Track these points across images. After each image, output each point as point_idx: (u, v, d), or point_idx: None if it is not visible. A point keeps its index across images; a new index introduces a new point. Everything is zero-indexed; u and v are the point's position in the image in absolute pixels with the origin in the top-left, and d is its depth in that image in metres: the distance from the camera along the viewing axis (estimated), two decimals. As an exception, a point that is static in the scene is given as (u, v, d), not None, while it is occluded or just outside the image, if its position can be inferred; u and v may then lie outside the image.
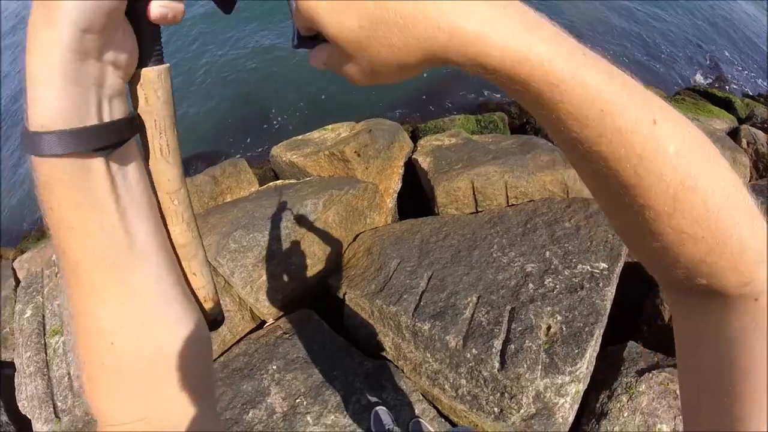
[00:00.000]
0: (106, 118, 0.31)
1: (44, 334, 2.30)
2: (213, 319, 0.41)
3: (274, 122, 6.95)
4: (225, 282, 2.57)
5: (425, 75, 7.50)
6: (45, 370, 2.13)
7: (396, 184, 3.52)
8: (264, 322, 2.63)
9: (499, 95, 7.14)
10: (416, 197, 3.37)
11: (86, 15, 0.27)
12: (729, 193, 0.30)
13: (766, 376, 0.30)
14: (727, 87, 9.37)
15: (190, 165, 6.07)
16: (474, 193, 2.93)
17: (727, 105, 7.63)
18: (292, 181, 3.95)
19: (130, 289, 0.33)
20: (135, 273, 0.33)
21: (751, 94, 9.94)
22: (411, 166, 3.48)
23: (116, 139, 0.31)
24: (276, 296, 2.62)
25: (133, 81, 0.33)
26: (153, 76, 0.33)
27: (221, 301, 0.43)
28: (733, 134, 4.59)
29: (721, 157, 0.31)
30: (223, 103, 7.59)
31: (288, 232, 2.71)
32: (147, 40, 0.33)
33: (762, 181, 3.69)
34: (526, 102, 0.30)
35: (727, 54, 10.90)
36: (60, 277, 2.67)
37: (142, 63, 0.33)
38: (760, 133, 5.72)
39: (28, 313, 2.45)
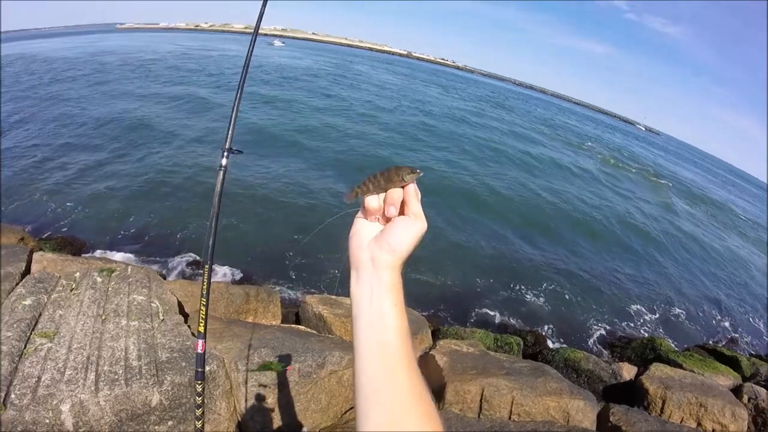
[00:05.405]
0: None
1: (32, 329, 2.30)
2: None
3: (310, 275, 7.45)
4: (230, 386, 2.65)
5: (457, 285, 8.06)
6: (16, 358, 2.08)
7: (406, 370, 3.65)
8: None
9: (519, 320, 7.60)
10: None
11: None
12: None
13: None
14: (737, 346, 9.60)
15: (225, 268, 6.60)
16: (481, 400, 3.09)
17: (733, 363, 7.78)
18: (314, 332, 4.20)
19: None
20: None
21: (759, 353, 10.06)
22: (421, 361, 3.68)
23: None
24: (269, 424, 2.67)
25: None
26: None
27: None
28: (737, 390, 4.85)
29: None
30: (277, 233, 8.41)
31: (306, 370, 2.88)
32: None
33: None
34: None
35: (744, 316, 11.39)
36: (74, 294, 2.76)
37: None
38: (763, 390, 5.80)
39: (28, 301, 2.48)
